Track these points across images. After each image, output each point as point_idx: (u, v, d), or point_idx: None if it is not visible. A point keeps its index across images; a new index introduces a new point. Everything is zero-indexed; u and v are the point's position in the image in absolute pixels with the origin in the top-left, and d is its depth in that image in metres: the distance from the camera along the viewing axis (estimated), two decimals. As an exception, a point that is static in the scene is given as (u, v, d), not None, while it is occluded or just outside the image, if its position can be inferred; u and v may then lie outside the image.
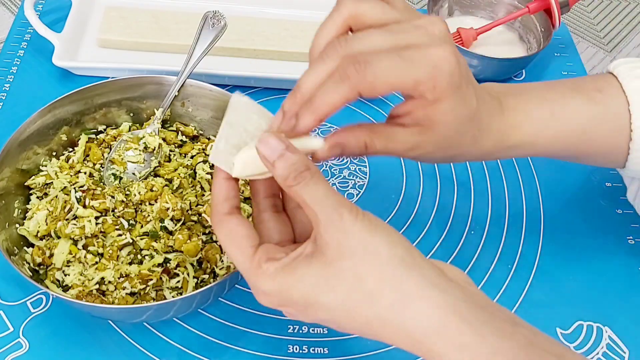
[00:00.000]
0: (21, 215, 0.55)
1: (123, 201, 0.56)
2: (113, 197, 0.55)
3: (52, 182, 0.57)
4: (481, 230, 0.64)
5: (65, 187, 0.56)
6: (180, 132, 0.63)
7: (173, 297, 0.51)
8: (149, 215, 0.55)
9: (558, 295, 0.59)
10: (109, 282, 0.51)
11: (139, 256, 0.53)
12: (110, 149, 0.60)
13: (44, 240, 0.54)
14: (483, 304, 0.35)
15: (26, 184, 0.57)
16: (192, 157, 0.61)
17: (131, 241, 0.54)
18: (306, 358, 0.53)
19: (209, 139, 0.64)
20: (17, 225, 0.54)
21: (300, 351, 0.54)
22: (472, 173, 0.69)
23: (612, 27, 0.97)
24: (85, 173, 0.58)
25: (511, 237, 0.63)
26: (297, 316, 0.37)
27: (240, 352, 0.53)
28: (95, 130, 0.62)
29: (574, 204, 0.67)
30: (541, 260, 0.62)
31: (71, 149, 0.61)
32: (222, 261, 0.53)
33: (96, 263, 0.52)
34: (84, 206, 0.54)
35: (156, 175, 0.60)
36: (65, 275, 0.52)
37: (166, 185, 0.58)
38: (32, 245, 0.53)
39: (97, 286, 0.51)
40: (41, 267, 0.53)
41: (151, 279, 0.52)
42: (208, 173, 0.59)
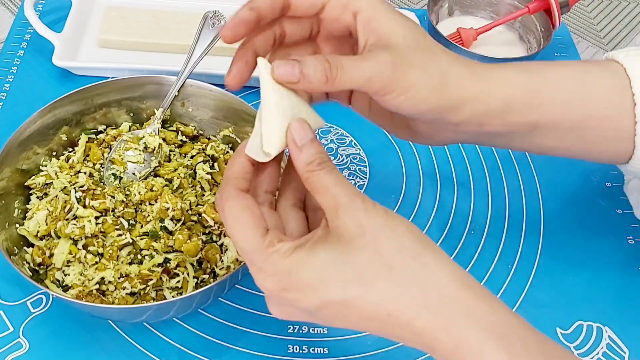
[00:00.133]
0: (21, 215, 0.55)
1: (123, 201, 0.56)
2: (113, 197, 0.55)
3: (52, 182, 0.57)
4: (481, 230, 0.64)
5: (65, 187, 0.56)
6: (180, 132, 0.63)
7: (173, 297, 0.51)
8: (149, 215, 0.55)
9: (558, 295, 0.59)
10: (109, 282, 0.51)
11: (139, 256, 0.53)
12: (110, 149, 0.60)
13: (44, 240, 0.54)
14: (477, 282, 0.37)
15: (26, 184, 0.57)
16: (192, 157, 0.61)
17: (131, 241, 0.54)
18: (306, 358, 0.53)
19: (209, 139, 0.64)
20: (17, 225, 0.54)
21: (300, 351, 0.54)
22: (472, 173, 0.69)
23: (612, 27, 0.97)
24: (85, 173, 0.58)
25: (511, 237, 0.63)
26: (298, 305, 0.35)
27: (240, 352, 0.53)
28: (95, 130, 0.62)
29: (574, 204, 0.67)
30: (541, 260, 0.62)
31: (71, 149, 0.61)
32: (222, 261, 0.53)
33: (96, 263, 0.52)
34: (84, 206, 0.54)
35: (156, 175, 0.60)
36: (65, 275, 0.52)
37: (166, 185, 0.58)
38: (32, 245, 0.53)
39: (97, 286, 0.51)
40: (41, 267, 0.53)
41: (151, 279, 0.52)
42: (208, 173, 0.59)
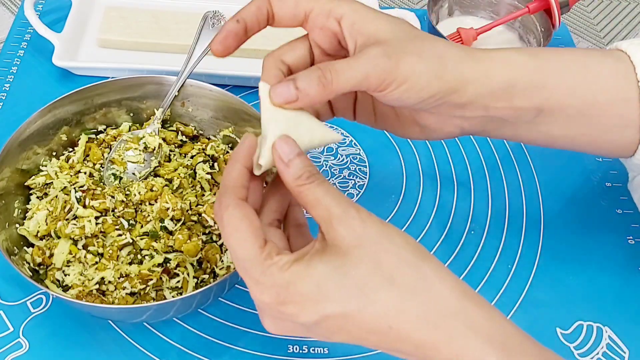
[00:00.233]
0: (21, 215, 0.55)
1: (123, 201, 0.56)
2: (113, 197, 0.55)
3: (52, 182, 0.57)
4: (481, 230, 0.64)
5: (65, 187, 0.56)
6: (180, 132, 0.63)
7: (173, 297, 0.51)
8: (149, 215, 0.55)
9: (558, 295, 0.59)
10: (109, 282, 0.51)
11: (139, 256, 0.53)
12: (110, 149, 0.60)
13: (44, 240, 0.54)
14: (474, 292, 0.36)
15: (26, 184, 0.57)
16: (192, 157, 0.61)
17: (131, 241, 0.54)
18: (306, 358, 0.53)
19: (209, 138, 0.64)
20: (17, 225, 0.54)
21: (300, 351, 0.54)
22: (472, 173, 0.69)
23: (612, 27, 0.97)
24: (85, 173, 0.58)
25: (511, 237, 0.63)
26: (295, 319, 0.35)
27: (240, 352, 0.53)
28: (95, 130, 0.62)
29: (574, 204, 0.67)
30: (541, 260, 0.62)
31: (71, 149, 0.61)
32: (222, 261, 0.53)
33: (96, 263, 0.52)
34: (84, 206, 0.54)
35: (156, 175, 0.60)
36: (65, 275, 0.52)
37: (166, 185, 0.58)
38: (32, 245, 0.53)
39: (97, 286, 0.51)
40: (41, 267, 0.53)
41: (151, 279, 0.52)
42: (208, 173, 0.59)
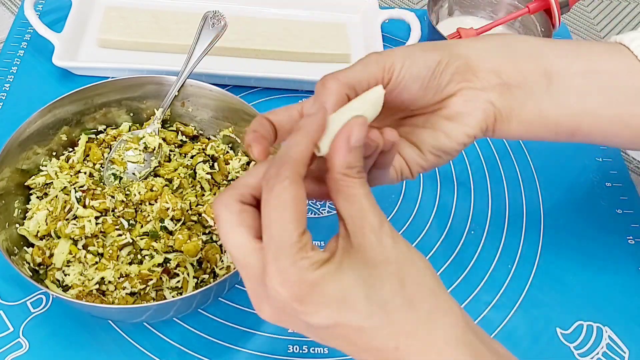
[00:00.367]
0: (21, 215, 0.55)
1: (123, 201, 0.56)
2: (113, 197, 0.55)
3: (52, 182, 0.57)
4: (481, 230, 0.64)
5: (65, 187, 0.56)
6: (180, 132, 0.63)
7: (173, 297, 0.51)
8: (149, 215, 0.55)
9: (558, 295, 0.59)
10: (109, 282, 0.51)
11: (139, 256, 0.54)
12: (110, 149, 0.60)
13: (44, 240, 0.54)
14: (479, 328, 0.37)
15: (26, 184, 0.57)
16: (192, 157, 0.61)
17: (131, 241, 0.54)
18: (306, 358, 0.53)
19: (209, 138, 0.64)
20: (17, 225, 0.54)
21: (300, 351, 0.54)
22: (472, 173, 0.69)
23: (612, 27, 0.97)
24: (85, 173, 0.58)
25: (511, 237, 0.63)
26: (305, 318, 0.34)
27: (240, 352, 0.53)
28: (95, 130, 0.62)
29: (574, 204, 0.67)
30: (541, 260, 0.62)
31: (71, 149, 0.61)
32: (222, 261, 0.53)
33: (96, 263, 0.52)
34: (84, 206, 0.54)
35: (156, 175, 0.60)
36: (65, 275, 0.52)
37: (166, 185, 0.58)
38: (32, 245, 0.53)
39: (97, 286, 0.51)
40: (41, 267, 0.53)
41: (151, 279, 0.52)
42: (208, 173, 0.59)
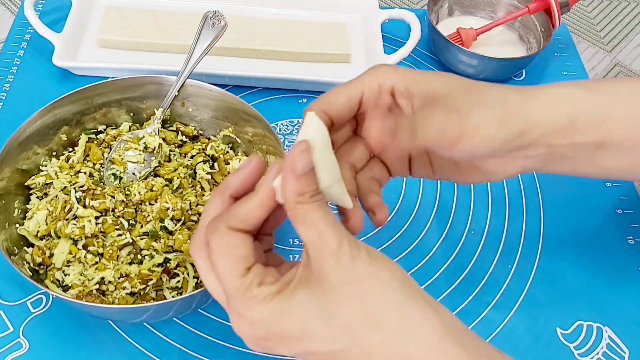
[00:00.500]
0: (21, 215, 0.55)
1: (123, 201, 0.56)
2: (113, 197, 0.55)
3: (52, 182, 0.57)
4: (481, 230, 0.64)
5: (65, 187, 0.56)
6: (180, 132, 0.63)
7: (173, 297, 0.51)
8: (149, 215, 0.55)
9: (558, 295, 0.59)
10: (109, 282, 0.51)
11: (139, 256, 0.54)
12: (110, 149, 0.60)
13: (44, 240, 0.54)
14: (464, 327, 0.36)
15: (26, 184, 0.57)
16: (192, 157, 0.61)
17: (131, 241, 0.54)
18: (306, 358, 0.53)
19: (209, 139, 0.64)
20: (17, 225, 0.54)
21: (300, 351, 0.54)
22: (472, 173, 0.68)
23: (612, 27, 0.97)
24: (85, 173, 0.58)
25: (511, 237, 0.63)
26: (276, 350, 0.35)
27: (240, 352, 0.53)
28: (95, 130, 0.62)
29: (573, 204, 0.67)
30: (541, 260, 0.62)
31: (71, 149, 0.61)
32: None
33: (96, 263, 0.52)
34: (84, 206, 0.54)
35: (156, 175, 0.60)
36: (65, 275, 0.52)
37: (166, 185, 0.58)
38: (32, 245, 0.53)
39: (97, 286, 0.51)
40: (41, 267, 0.53)
41: (151, 279, 0.52)
42: (208, 173, 0.59)
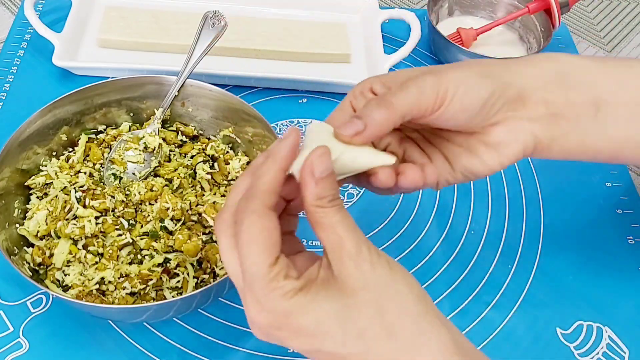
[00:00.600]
0: (21, 215, 0.55)
1: (123, 201, 0.56)
2: (113, 197, 0.55)
3: (52, 182, 0.57)
4: (481, 230, 0.64)
5: (65, 187, 0.56)
6: (180, 132, 0.63)
7: (173, 297, 0.51)
8: (149, 215, 0.55)
9: (558, 295, 0.59)
10: (109, 282, 0.51)
11: (139, 256, 0.54)
12: (110, 149, 0.60)
13: (44, 240, 0.54)
14: (474, 347, 0.36)
15: (26, 184, 0.57)
16: (192, 157, 0.61)
17: (131, 241, 0.54)
18: (306, 358, 0.53)
19: (209, 138, 0.64)
20: (17, 225, 0.54)
21: (300, 351, 0.54)
22: (472, 173, 0.68)
23: (612, 27, 0.97)
24: (85, 173, 0.58)
25: (511, 237, 0.63)
26: (287, 342, 0.35)
27: (240, 352, 0.53)
28: (95, 130, 0.62)
29: (573, 204, 0.67)
30: (541, 260, 0.62)
31: (71, 149, 0.61)
32: (222, 261, 0.53)
33: (96, 263, 0.52)
34: (84, 206, 0.54)
35: (156, 175, 0.60)
36: (65, 275, 0.52)
37: (166, 185, 0.58)
38: (32, 245, 0.53)
39: (97, 286, 0.51)
40: (41, 267, 0.53)
41: (151, 279, 0.52)
42: (208, 173, 0.59)
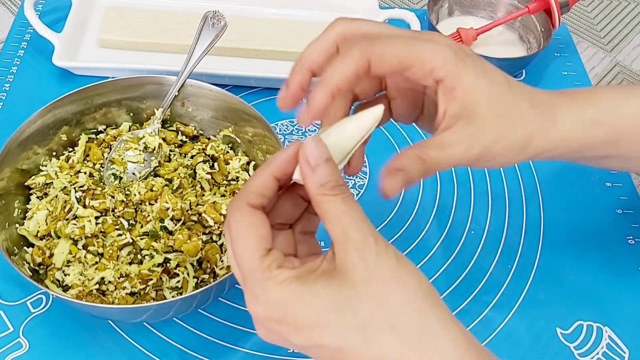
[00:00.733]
0: (21, 215, 0.55)
1: (123, 201, 0.56)
2: (113, 197, 0.55)
3: (52, 182, 0.57)
4: (481, 230, 0.64)
5: (65, 187, 0.56)
6: (180, 132, 0.63)
7: (173, 297, 0.51)
8: (149, 215, 0.55)
9: (558, 295, 0.59)
10: (109, 282, 0.51)
11: (139, 256, 0.54)
12: (110, 149, 0.60)
13: (44, 240, 0.54)
14: (483, 347, 0.35)
15: (26, 184, 0.57)
16: (192, 157, 0.61)
17: (131, 241, 0.54)
18: (306, 358, 0.53)
19: (209, 139, 0.64)
20: (17, 225, 0.54)
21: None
22: (472, 173, 0.68)
23: (612, 27, 0.97)
24: (85, 173, 0.58)
25: (511, 237, 0.63)
26: (288, 338, 0.33)
27: (240, 352, 0.53)
28: (95, 130, 0.62)
29: (573, 204, 0.67)
30: (541, 260, 0.62)
31: (71, 149, 0.61)
32: (222, 261, 0.53)
33: (96, 263, 0.52)
34: (84, 206, 0.54)
35: (156, 175, 0.60)
36: (65, 275, 0.52)
37: (166, 185, 0.58)
38: (32, 245, 0.53)
39: (97, 286, 0.51)
40: (41, 267, 0.53)
41: (151, 279, 0.52)
42: (208, 173, 0.59)
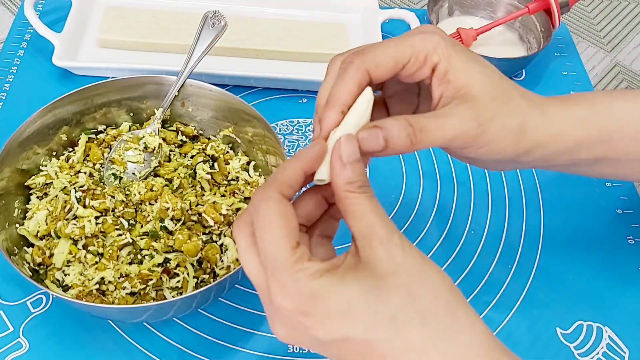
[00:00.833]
0: (21, 215, 0.55)
1: (123, 201, 0.56)
2: (113, 197, 0.55)
3: (52, 182, 0.57)
4: (481, 230, 0.64)
5: (65, 187, 0.56)
6: (180, 132, 0.63)
7: (173, 297, 0.51)
8: (149, 215, 0.55)
9: (558, 295, 0.59)
10: (109, 282, 0.51)
11: (139, 256, 0.54)
12: (110, 149, 0.60)
13: (44, 240, 0.54)
14: (504, 346, 0.35)
15: (26, 184, 0.57)
16: (192, 157, 0.61)
17: (131, 241, 0.54)
18: (306, 358, 0.53)
19: (209, 138, 0.64)
20: (17, 225, 0.54)
21: (300, 351, 0.54)
22: (472, 173, 0.68)
23: (612, 27, 0.97)
24: (85, 173, 0.58)
25: (511, 237, 0.63)
26: (312, 332, 0.33)
27: (240, 352, 0.53)
28: (95, 130, 0.62)
29: (573, 204, 0.67)
30: (541, 260, 0.62)
31: (71, 149, 0.61)
32: (222, 261, 0.53)
33: (96, 263, 0.52)
34: (84, 206, 0.54)
35: (156, 175, 0.60)
36: (65, 275, 0.52)
37: (166, 185, 0.58)
38: (32, 245, 0.53)
39: (97, 286, 0.51)
40: (41, 267, 0.53)
41: (151, 279, 0.52)
42: (208, 173, 0.59)
